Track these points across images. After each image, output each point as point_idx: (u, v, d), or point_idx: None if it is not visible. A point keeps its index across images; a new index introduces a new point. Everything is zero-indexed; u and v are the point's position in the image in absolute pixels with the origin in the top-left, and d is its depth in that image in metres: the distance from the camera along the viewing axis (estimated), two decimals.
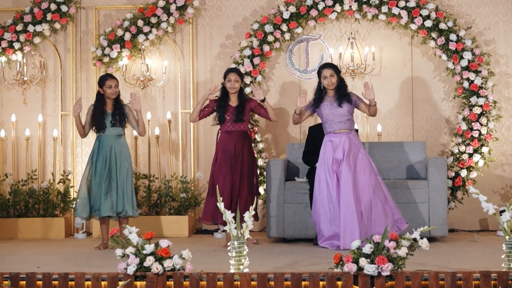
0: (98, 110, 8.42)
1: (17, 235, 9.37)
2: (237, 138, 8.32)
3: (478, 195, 5.97)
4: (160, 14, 9.64)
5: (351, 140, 8.00)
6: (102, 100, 8.45)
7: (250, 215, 5.83)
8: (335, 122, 8.04)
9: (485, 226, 9.56)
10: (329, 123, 8.08)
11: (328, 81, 8.07)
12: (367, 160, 8.00)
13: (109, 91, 8.39)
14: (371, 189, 7.87)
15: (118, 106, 8.44)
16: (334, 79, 8.08)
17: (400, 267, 5.59)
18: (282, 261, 6.96)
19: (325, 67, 8.19)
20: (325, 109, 8.08)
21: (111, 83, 8.40)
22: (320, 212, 7.94)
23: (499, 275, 5.49)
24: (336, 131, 8.04)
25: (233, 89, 8.34)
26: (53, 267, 6.58)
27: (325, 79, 8.09)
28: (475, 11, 9.68)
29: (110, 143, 8.38)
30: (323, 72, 8.12)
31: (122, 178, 8.33)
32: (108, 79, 8.44)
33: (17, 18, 9.75)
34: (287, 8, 9.53)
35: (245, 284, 5.55)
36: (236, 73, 8.41)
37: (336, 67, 8.25)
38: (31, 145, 9.89)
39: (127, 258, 5.73)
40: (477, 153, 9.27)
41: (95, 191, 8.31)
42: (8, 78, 9.92)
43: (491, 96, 9.28)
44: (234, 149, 8.28)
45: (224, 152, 8.31)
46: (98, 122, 8.39)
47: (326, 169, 7.97)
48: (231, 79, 8.35)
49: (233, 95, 8.38)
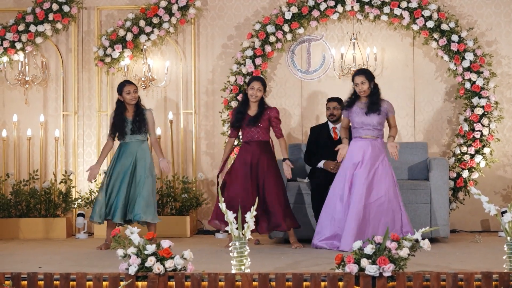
0: (118, 117, 8.25)
1: (19, 235, 9.38)
2: (255, 148, 8.19)
3: (479, 196, 5.96)
4: (162, 15, 9.65)
5: (375, 147, 7.89)
6: (122, 107, 8.28)
7: (251, 215, 5.83)
8: (363, 129, 7.93)
9: (486, 227, 9.56)
10: (356, 130, 7.98)
11: (359, 88, 7.95)
12: (388, 170, 7.88)
13: (128, 97, 8.22)
14: (386, 198, 7.80)
15: (139, 112, 8.27)
16: (365, 86, 7.93)
17: (401, 267, 5.59)
18: (284, 261, 6.95)
19: (356, 74, 8.04)
20: (354, 116, 7.97)
21: (130, 88, 8.23)
22: (327, 210, 7.92)
23: (501, 276, 5.49)
24: (362, 136, 7.95)
25: (254, 97, 8.20)
26: (55, 267, 6.58)
27: (357, 86, 7.96)
28: (477, 12, 9.68)
29: (131, 149, 8.23)
30: (355, 79, 7.99)
31: (141, 184, 8.18)
32: (126, 85, 8.27)
33: (19, 18, 9.76)
34: (289, 8, 9.53)
35: (246, 285, 5.55)
36: (260, 82, 8.25)
37: (369, 74, 8.04)
38: (33, 145, 9.90)
39: (128, 259, 5.73)
40: (478, 154, 9.27)
41: (113, 197, 8.19)
42: (10, 78, 9.93)
43: (492, 97, 9.28)
44: (251, 159, 8.13)
45: (240, 161, 8.19)
46: (119, 130, 8.24)
47: (345, 170, 7.93)
48: (254, 87, 8.20)
49: (254, 103, 8.25)
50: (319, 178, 8.48)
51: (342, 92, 9.50)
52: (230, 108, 9.47)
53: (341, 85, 9.69)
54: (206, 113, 9.93)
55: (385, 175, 7.84)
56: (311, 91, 9.76)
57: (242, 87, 9.48)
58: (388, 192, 7.79)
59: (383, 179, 7.82)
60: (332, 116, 8.80)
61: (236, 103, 9.40)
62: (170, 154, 9.73)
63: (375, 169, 7.84)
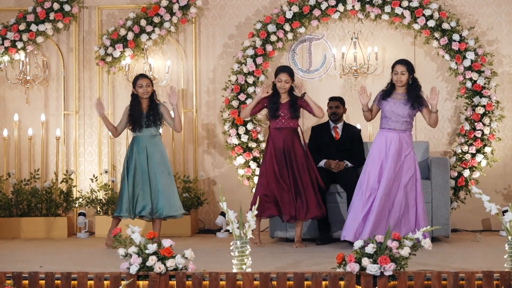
0: (134, 109, 8.30)
1: (20, 235, 9.38)
2: (286, 134, 8.21)
3: (480, 195, 5.97)
4: (163, 14, 9.65)
5: (403, 139, 7.82)
6: (137, 100, 8.33)
7: (252, 214, 5.83)
8: (392, 120, 7.86)
9: (487, 226, 9.55)
10: (386, 119, 7.90)
11: (397, 77, 7.84)
12: (413, 164, 7.81)
13: (141, 90, 8.26)
14: (406, 192, 7.73)
15: (153, 106, 8.31)
16: (404, 77, 7.83)
17: (402, 267, 5.58)
18: (285, 261, 6.96)
19: (398, 62, 7.93)
20: (388, 105, 7.87)
21: (142, 82, 8.28)
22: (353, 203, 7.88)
23: (502, 275, 5.49)
24: (390, 127, 7.87)
25: (283, 89, 8.20)
26: (56, 267, 6.58)
27: (396, 74, 7.85)
28: (478, 11, 9.68)
29: (144, 143, 8.27)
30: (395, 67, 7.88)
31: (155, 180, 8.21)
32: (139, 78, 8.33)
33: (20, 17, 9.76)
34: (290, 8, 9.53)
35: (247, 284, 5.55)
36: (287, 73, 8.22)
37: (410, 66, 7.91)
38: (34, 144, 9.90)
39: (129, 258, 5.73)
40: (480, 153, 9.27)
41: (128, 192, 8.21)
42: (11, 77, 9.93)
43: (494, 96, 9.28)
44: (283, 145, 8.18)
45: (275, 148, 8.21)
46: (135, 122, 8.28)
47: (372, 161, 7.86)
48: (281, 80, 8.20)
49: (284, 94, 8.26)
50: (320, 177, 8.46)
51: (343, 91, 9.55)
52: (231, 107, 9.47)
53: (342, 85, 9.69)
54: (207, 112, 9.93)
55: (410, 169, 7.78)
56: (312, 90, 9.75)
57: (243, 86, 9.48)
58: (408, 187, 7.74)
59: (408, 173, 7.76)
60: (334, 116, 8.80)
61: (237, 102, 9.43)
62: (171, 153, 9.73)
63: (402, 162, 7.77)
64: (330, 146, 8.70)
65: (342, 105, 8.82)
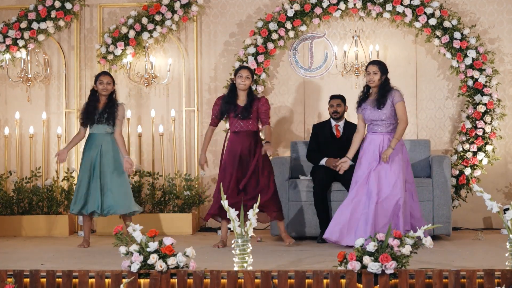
0: (90, 105, 8.35)
1: (21, 233, 9.38)
2: (244, 138, 8.08)
3: (482, 193, 5.96)
4: (164, 12, 9.65)
5: (387, 141, 7.74)
6: (95, 96, 8.37)
7: (254, 213, 5.83)
8: (374, 124, 7.80)
9: (489, 224, 9.55)
10: (370, 124, 7.85)
11: (370, 77, 7.76)
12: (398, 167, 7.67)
13: (100, 87, 8.29)
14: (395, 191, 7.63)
15: (110, 104, 8.32)
16: (376, 77, 7.75)
17: (403, 265, 5.59)
18: (286, 259, 6.95)
19: (371, 63, 7.89)
20: (366, 113, 7.81)
21: (103, 79, 8.31)
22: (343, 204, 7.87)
23: (503, 274, 5.49)
24: (374, 131, 7.82)
25: (243, 85, 8.08)
26: (57, 265, 6.59)
27: (368, 75, 7.78)
28: (479, 9, 9.67)
29: (97, 142, 8.28)
30: (367, 68, 7.82)
31: (108, 176, 8.21)
32: (101, 75, 8.38)
33: (21, 15, 9.76)
34: (292, 6, 9.52)
35: (248, 282, 5.55)
36: (248, 70, 8.14)
37: (383, 66, 7.83)
38: (35, 142, 9.91)
39: (131, 256, 5.74)
40: (481, 151, 9.26)
41: (82, 189, 8.24)
42: (12, 75, 9.93)
43: (495, 94, 9.28)
44: (241, 150, 8.03)
45: (231, 153, 8.07)
46: (88, 117, 8.31)
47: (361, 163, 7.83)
48: (242, 75, 8.08)
49: (242, 92, 8.13)
50: (321, 175, 8.47)
51: (345, 90, 9.53)
52: None
53: (344, 83, 9.69)
54: (209, 110, 9.91)
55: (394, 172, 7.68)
56: (313, 88, 9.76)
57: None
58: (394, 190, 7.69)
59: (393, 176, 7.68)
60: (335, 114, 8.79)
61: None
62: (172, 151, 9.74)
63: (390, 164, 7.70)
64: (331, 144, 8.69)
65: (344, 103, 8.82)
